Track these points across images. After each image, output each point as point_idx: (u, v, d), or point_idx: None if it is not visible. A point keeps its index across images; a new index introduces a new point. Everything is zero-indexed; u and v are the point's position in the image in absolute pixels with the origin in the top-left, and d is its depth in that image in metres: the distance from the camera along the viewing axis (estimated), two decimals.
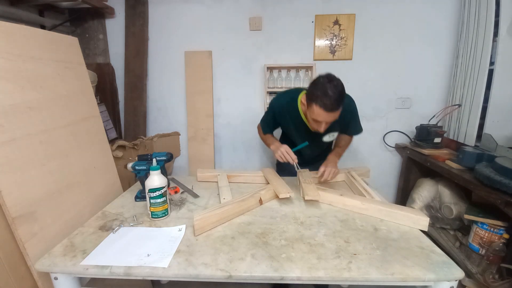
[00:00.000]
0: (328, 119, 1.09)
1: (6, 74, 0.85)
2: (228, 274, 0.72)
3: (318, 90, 1.04)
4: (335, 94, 1.03)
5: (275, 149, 1.27)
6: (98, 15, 1.97)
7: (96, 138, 1.23)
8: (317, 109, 1.06)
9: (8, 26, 0.89)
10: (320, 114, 1.07)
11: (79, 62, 1.21)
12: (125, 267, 0.74)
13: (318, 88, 1.05)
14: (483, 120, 1.62)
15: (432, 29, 1.89)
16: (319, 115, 1.08)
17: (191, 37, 2.01)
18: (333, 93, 1.02)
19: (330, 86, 1.03)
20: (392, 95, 2.03)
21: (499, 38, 1.51)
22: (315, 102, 1.05)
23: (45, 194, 0.92)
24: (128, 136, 2.09)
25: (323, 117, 1.08)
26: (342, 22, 1.92)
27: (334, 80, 1.05)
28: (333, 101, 1.03)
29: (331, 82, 1.04)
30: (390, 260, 0.76)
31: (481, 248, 1.36)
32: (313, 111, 1.09)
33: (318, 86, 1.05)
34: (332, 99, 1.03)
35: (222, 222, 0.96)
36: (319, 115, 1.08)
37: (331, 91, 1.02)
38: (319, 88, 1.05)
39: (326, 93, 1.03)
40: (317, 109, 1.06)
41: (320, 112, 1.06)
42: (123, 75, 2.05)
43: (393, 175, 2.18)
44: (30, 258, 0.83)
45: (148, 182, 0.96)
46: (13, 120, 0.85)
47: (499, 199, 1.14)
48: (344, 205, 1.08)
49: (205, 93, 2.05)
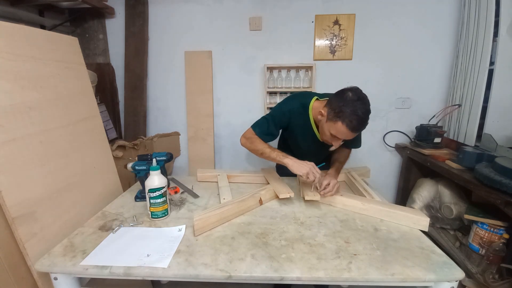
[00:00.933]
0: (349, 137, 1.04)
1: (6, 74, 0.85)
2: (228, 275, 0.72)
3: (348, 108, 0.97)
4: (364, 115, 0.96)
5: (297, 164, 1.08)
6: (98, 15, 1.97)
7: (96, 138, 1.23)
8: (342, 127, 0.99)
9: (8, 26, 0.89)
10: (343, 133, 1.01)
11: (79, 62, 1.21)
12: (125, 267, 0.74)
13: (347, 105, 0.97)
14: (483, 120, 1.62)
15: (432, 29, 1.89)
16: (342, 133, 1.01)
17: (191, 37, 2.01)
18: (362, 114, 0.96)
19: (360, 106, 0.96)
20: (392, 95, 2.03)
21: (499, 38, 1.51)
22: (342, 120, 0.98)
23: (45, 194, 0.92)
24: (128, 136, 2.09)
25: (345, 136, 1.03)
26: (342, 22, 1.92)
27: (363, 98, 0.99)
28: (362, 122, 0.98)
29: (361, 100, 0.97)
30: (390, 261, 0.76)
31: (481, 248, 1.36)
32: (336, 128, 1.01)
33: (347, 103, 0.98)
34: (361, 121, 0.97)
35: (222, 222, 0.96)
36: (342, 133, 1.01)
37: (361, 111, 0.96)
38: (348, 105, 0.97)
39: (356, 113, 0.96)
40: (342, 127, 0.99)
41: (344, 131, 1.00)
42: (123, 75, 2.05)
43: (393, 175, 2.18)
44: (30, 258, 0.83)
45: (148, 182, 0.96)
46: (13, 120, 0.85)
47: (499, 199, 1.14)
48: (344, 205, 1.08)
49: (205, 93, 2.05)
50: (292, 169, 1.09)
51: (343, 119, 0.98)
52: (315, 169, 1.06)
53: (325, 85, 1.99)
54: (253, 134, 1.21)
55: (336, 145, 1.10)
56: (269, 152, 1.16)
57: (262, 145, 1.19)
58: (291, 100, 1.24)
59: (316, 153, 1.30)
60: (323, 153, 1.33)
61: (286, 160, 1.11)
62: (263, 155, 1.18)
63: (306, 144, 1.27)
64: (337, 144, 1.09)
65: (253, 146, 1.21)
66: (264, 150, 1.17)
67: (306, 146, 1.28)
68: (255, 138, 1.20)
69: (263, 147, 1.18)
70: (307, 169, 1.05)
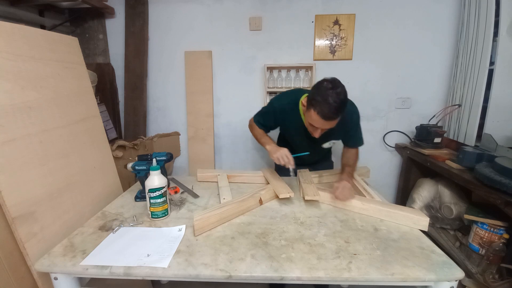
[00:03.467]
0: (324, 126, 1.06)
1: (6, 74, 0.85)
2: (228, 274, 0.72)
3: (319, 96, 0.99)
4: (335, 103, 0.97)
5: (272, 150, 1.18)
6: (98, 15, 1.97)
7: (96, 138, 1.23)
8: (314, 115, 1.02)
9: (8, 26, 0.89)
10: (316, 121, 1.03)
11: (79, 62, 1.21)
12: (125, 267, 0.74)
13: (320, 93, 0.99)
14: (483, 120, 1.62)
15: (432, 29, 1.89)
16: (316, 121, 1.04)
17: (191, 37, 2.01)
18: (333, 101, 0.97)
19: (332, 94, 0.97)
20: (392, 95, 2.03)
21: (499, 38, 1.51)
22: (314, 107, 1.01)
23: (45, 194, 0.92)
24: (128, 136, 2.09)
25: (319, 124, 1.05)
26: (342, 22, 1.92)
27: (338, 87, 1.00)
28: (332, 110, 0.98)
29: (334, 89, 0.98)
30: (390, 260, 0.76)
31: (481, 248, 1.36)
32: (310, 116, 1.05)
33: (321, 91, 1.00)
34: (331, 108, 0.98)
35: (222, 222, 0.96)
36: (316, 121, 1.04)
37: (332, 99, 0.97)
38: (321, 93, 0.99)
39: (327, 100, 0.97)
40: (314, 115, 1.02)
41: (317, 119, 1.02)
42: (123, 75, 2.05)
43: (393, 175, 2.18)
44: (30, 258, 0.83)
45: (148, 182, 0.96)
46: (13, 120, 0.85)
47: (499, 199, 1.14)
48: (344, 205, 1.08)
49: (205, 93, 2.05)
50: (269, 155, 1.20)
51: (315, 106, 1.01)
52: (287, 154, 1.14)
53: None
54: (253, 122, 1.36)
55: (316, 135, 1.12)
56: (259, 138, 1.31)
57: (257, 131, 1.33)
58: (283, 96, 1.30)
59: (311, 148, 1.31)
60: (319, 151, 1.35)
61: (267, 146, 1.23)
62: (258, 140, 1.34)
63: (300, 139, 1.30)
64: (317, 134, 1.12)
65: (252, 131, 1.37)
66: (257, 136, 1.33)
67: (300, 142, 1.31)
68: (253, 125, 1.35)
69: (258, 133, 1.33)
70: (278, 153, 1.14)
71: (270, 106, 1.29)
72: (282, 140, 1.46)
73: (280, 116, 1.26)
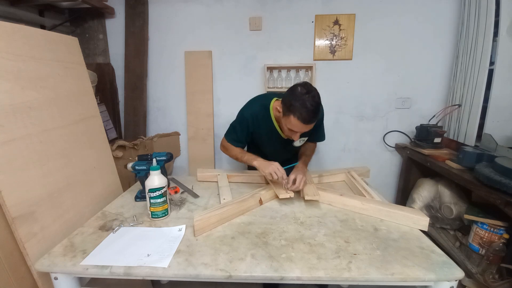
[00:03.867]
0: (304, 130, 1.10)
1: (6, 74, 0.85)
2: (228, 274, 0.72)
3: (297, 101, 1.03)
4: (312, 107, 1.02)
5: (262, 165, 1.18)
6: (98, 15, 1.97)
7: (96, 138, 1.23)
8: (294, 120, 1.05)
9: (8, 26, 0.89)
10: (297, 126, 1.07)
11: (79, 62, 1.21)
12: (125, 267, 0.74)
13: (297, 99, 1.03)
14: (483, 120, 1.62)
15: (432, 29, 1.89)
16: (295, 126, 1.08)
17: (191, 37, 2.01)
18: (311, 105, 1.02)
19: (308, 98, 1.02)
20: (392, 95, 2.03)
21: (499, 38, 1.51)
22: (293, 113, 1.04)
23: (45, 194, 0.92)
24: (128, 136, 2.09)
25: (299, 128, 1.08)
26: (342, 22, 1.92)
27: (312, 90, 1.05)
28: (311, 114, 1.03)
29: (309, 93, 1.03)
30: (390, 260, 0.76)
31: (481, 248, 1.36)
32: (290, 122, 1.08)
33: (297, 96, 1.04)
34: (310, 112, 1.03)
35: (222, 223, 0.96)
36: (295, 126, 1.08)
37: (309, 103, 1.02)
38: (298, 99, 1.03)
39: (305, 105, 1.02)
40: (294, 120, 1.05)
41: (297, 124, 1.06)
42: (123, 75, 2.05)
43: (393, 175, 2.18)
44: (30, 258, 0.83)
45: (148, 182, 0.96)
46: (13, 120, 0.85)
47: (499, 199, 1.14)
48: (344, 205, 1.08)
49: (205, 93, 2.05)
50: (260, 170, 1.19)
51: (294, 112, 1.04)
52: (279, 168, 1.14)
53: (325, 85, 1.99)
54: (226, 142, 1.32)
55: (295, 138, 1.16)
56: (241, 157, 1.28)
57: (235, 151, 1.30)
58: (252, 103, 1.30)
59: (283, 152, 1.36)
60: (290, 151, 1.37)
61: (255, 162, 1.21)
62: (238, 160, 1.30)
63: (272, 143, 1.32)
64: (296, 137, 1.15)
65: (228, 153, 1.34)
66: (237, 155, 1.30)
67: (273, 146, 1.33)
68: (229, 145, 1.32)
69: (236, 152, 1.30)
70: (270, 168, 1.14)
71: (241, 118, 1.27)
72: (252, 148, 1.44)
73: (253, 124, 1.26)
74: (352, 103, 2.05)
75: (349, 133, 2.12)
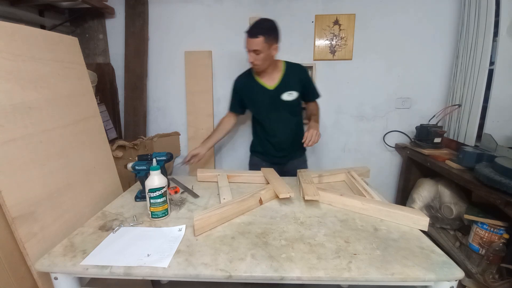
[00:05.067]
0: (252, 45, 1.29)
1: (6, 74, 0.85)
2: (228, 274, 0.72)
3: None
4: (255, 22, 1.29)
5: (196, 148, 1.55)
6: (98, 15, 1.97)
7: (96, 138, 1.23)
8: (245, 38, 1.30)
9: (8, 26, 0.89)
10: (246, 42, 1.30)
11: (79, 62, 1.21)
12: (125, 267, 0.74)
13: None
14: (483, 120, 1.62)
15: (432, 29, 1.89)
16: (246, 43, 1.31)
17: (191, 37, 2.01)
18: (254, 22, 1.29)
19: (256, 20, 1.31)
20: (392, 95, 2.03)
21: (499, 38, 1.51)
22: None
23: (45, 194, 0.92)
24: (128, 136, 2.09)
25: (249, 44, 1.30)
26: (342, 22, 1.92)
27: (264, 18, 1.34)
28: (252, 26, 1.29)
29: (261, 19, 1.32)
30: (390, 260, 0.76)
31: (481, 248, 1.36)
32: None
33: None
34: (251, 26, 1.29)
35: (222, 222, 0.96)
36: (246, 43, 1.31)
37: (254, 22, 1.30)
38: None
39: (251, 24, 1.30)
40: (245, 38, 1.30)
41: (246, 40, 1.30)
42: (123, 75, 2.05)
43: (393, 175, 2.18)
44: (30, 258, 0.83)
45: (148, 182, 0.96)
46: (13, 120, 0.85)
47: (499, 199, 1.14)
48: (344, 205, 1.08)
49: (205, 93, 2.05)
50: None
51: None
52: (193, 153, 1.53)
53: (325, 85, 1.99)
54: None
55: (250, 59, 1.35)
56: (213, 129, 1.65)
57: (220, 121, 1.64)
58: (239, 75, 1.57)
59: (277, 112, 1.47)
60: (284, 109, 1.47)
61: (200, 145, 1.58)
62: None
63: (263, 101, 1.47)
64: (251, 58, 1.34)
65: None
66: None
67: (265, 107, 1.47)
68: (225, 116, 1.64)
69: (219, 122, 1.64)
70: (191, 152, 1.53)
71: (233, 86, 1.57)
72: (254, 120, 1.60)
73: (241, 88, 1.52)
74: (352, 103, 2.05)
75: (349, 133, 2.12)
